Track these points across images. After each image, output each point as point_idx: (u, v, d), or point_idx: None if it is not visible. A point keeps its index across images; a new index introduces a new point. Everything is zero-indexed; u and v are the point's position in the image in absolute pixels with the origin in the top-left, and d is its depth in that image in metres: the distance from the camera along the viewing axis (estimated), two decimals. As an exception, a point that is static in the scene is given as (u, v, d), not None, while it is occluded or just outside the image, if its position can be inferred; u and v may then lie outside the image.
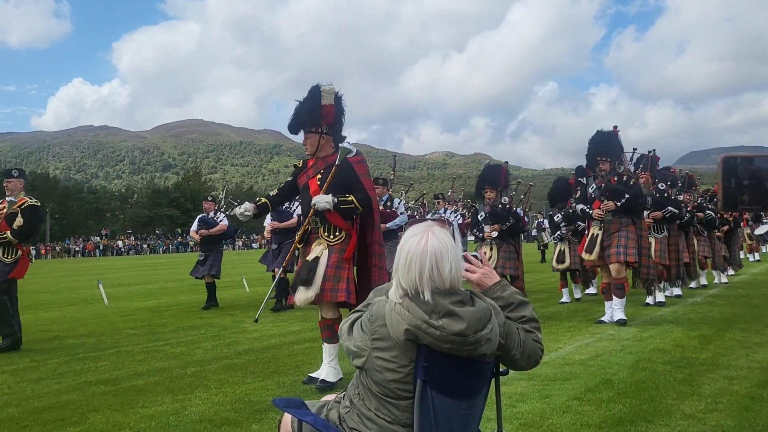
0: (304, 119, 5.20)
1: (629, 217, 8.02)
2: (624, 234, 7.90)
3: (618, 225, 7.97)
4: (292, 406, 2.33)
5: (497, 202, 8.83)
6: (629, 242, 7.88)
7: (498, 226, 8.67)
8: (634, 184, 8.03)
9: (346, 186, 5.10)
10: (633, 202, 7.94)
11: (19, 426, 4.20)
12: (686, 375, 4.99)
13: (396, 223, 9.05)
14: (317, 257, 5.04)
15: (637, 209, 8.13)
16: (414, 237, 2.15)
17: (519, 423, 3.87)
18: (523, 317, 2.31)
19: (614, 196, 7.91)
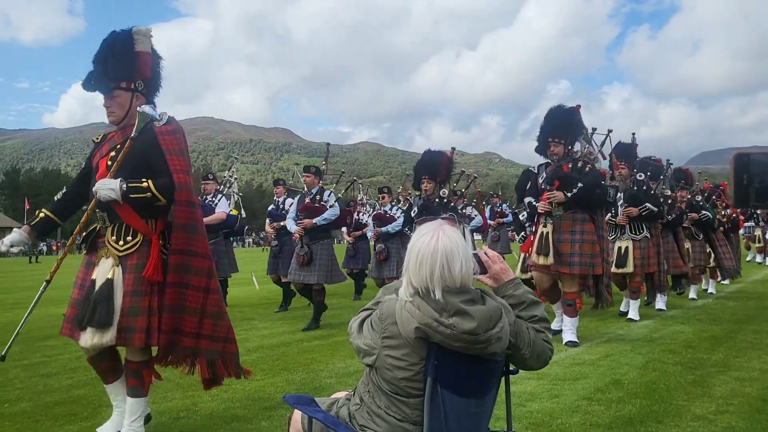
0: (108, 70, 3.71)
1: (586, 213, 6.46)
2: (579, 237, 6.41)
3: (570, 223, 6.45)
4: (302, 403, 2.34)
5: (434, 195, 7.44)
6: (585, 247, 6.38)
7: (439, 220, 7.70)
8: (590, 171, 6.44)
9: (146, 167, 3.64)
10: (587, 192, 6.29)
11: (32, 420, 4.23)
12: (697, 376, 4.96)
13: (325, 218, 7.94)
14: (109, 280, 3.57)
15: (596, 202, 6.47)
16: (425, 236, 2.16)
17: (528, 422, 3.86)
18: (534, 317, 2.31)
19: (564, 185, 6.32)
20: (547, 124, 6.55)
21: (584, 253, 6.37)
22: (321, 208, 8.01)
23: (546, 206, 6.41)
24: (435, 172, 7.40)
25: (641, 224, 8.31)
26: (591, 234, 6.42)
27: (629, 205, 8.26)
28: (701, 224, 10.46)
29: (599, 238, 6.49)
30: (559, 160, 6.48)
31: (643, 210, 8.21)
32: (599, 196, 6.42)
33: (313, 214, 7.98)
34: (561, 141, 6.43)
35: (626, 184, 8.30)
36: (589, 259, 6.41)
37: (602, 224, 6.65)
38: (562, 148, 6.46)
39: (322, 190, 8.20)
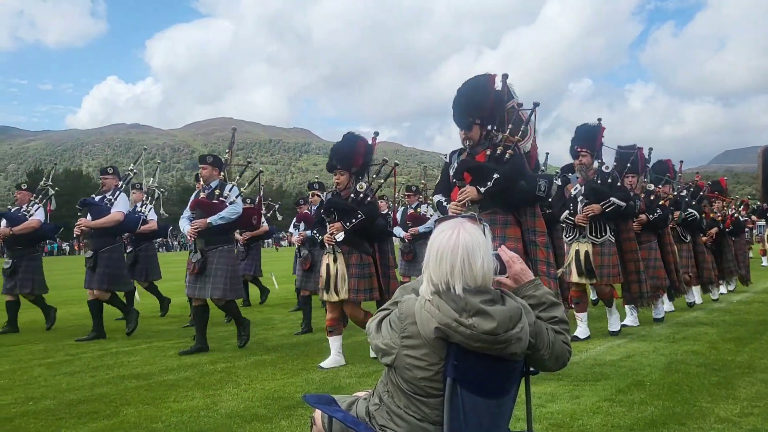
0: None
1: (509, 214, 4.96)
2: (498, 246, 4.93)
3: (491, 225, 5.20)
4: (322, 402, 2.35)
5: (349, 189, 5.98)
6: None
7: (340, 224, 5.77)
8: (511, 158, 4.88)
9: None
10: (506, 186, 4.81)
11: (55, 417, 4.29)
12: (721, 378, 4.89)
13: (223, 217, 6.62)
14: None
15: (520, 199, 4.98)
16: (445, 232, 2.15)
17: (548, 423, 3.83)
18: (554, 318, 2.29)
19: (478, 178, 4.88)
20: (457, 102, 5.05)
21: None
22: (218, 205, 6.69)
23: (457, 207, 4.82)
24: (349, 162, 5.94)
25: (604, 225, 6.82)
26: (515, 240, 4.87)
27: (590, 201, 6.76)
28: (687, 225, 9.06)
29: (529, 245, 4.99)
30: (474, 145, 5.00)
31: (607, 206, 6.67)
32: (524, 190, 4.88)
33: (208, 213, 6.64)
34: (476, 122, 4.95)
35: (588, 175, 6.84)
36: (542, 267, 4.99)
37: (535, 226, 5.06)
38: (478, 131, 4.97)
39: (223, 184, 6.85)
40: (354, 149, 5.98)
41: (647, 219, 7.85)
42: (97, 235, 7.74)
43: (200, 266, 6.55)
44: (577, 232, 6.90)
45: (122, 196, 7.99)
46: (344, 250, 5.80)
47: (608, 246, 6.83)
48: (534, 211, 5.09)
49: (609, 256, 6.81)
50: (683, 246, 9.03)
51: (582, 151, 6.83)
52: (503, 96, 5.24)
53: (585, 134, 6.93)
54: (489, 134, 5.06)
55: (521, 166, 4.97)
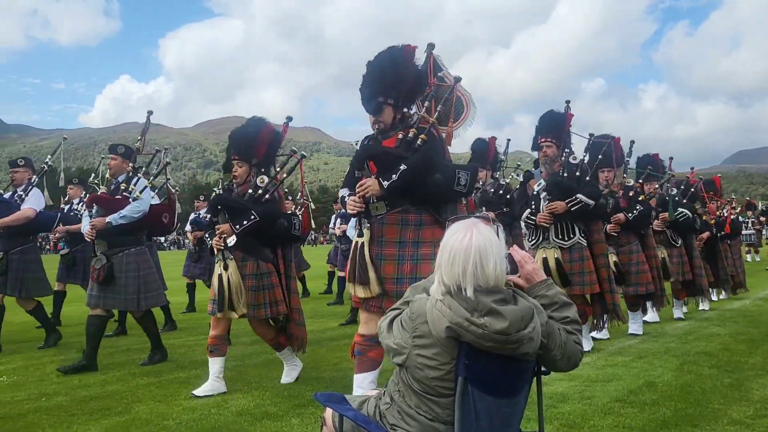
0: None
1: (422, 213, 3.98)
2: (410, 252, 3.94)
3: (397, 228, 3.96)
4: (333, 401, 2.35)
5: (248, 183, 5.02)
6: (422, 267, 3.85)
7: (228, 226, 4.80)
8: (424, 144, 3.92)
9: None
10: (414, 178, 3.86)
11: (68, 414, 4.32)
12: (734, 379, 4.85)
13: (125, 215, 5.65)
14: None
15: (434, 193, 3.95)
16: (458, 233, 2.14)
17: (560, 423, 3.82)
18: (566, 318, 2.28)
19: (383, 168, 3.92)
20: (365, 80, 4.14)
21: (419, 276, 3.73)
22: (120, 202, 5.74)
23: (355, 204, 3.95)
24: (249, 152, 5.04)
25: (572, 225, 5.85)
26: (432, 245, 3.83)
27: (554, 197, 5.81)
28: (679, 227, 7.99)
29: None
30: (385, 130, 4.07)
31: (574, 204, 5.69)
32: (439, 184, 3.92)
33: (109, 210, 5.70)
34: (389, 102, 4.03)
35: (553, 168, 5.94)
36: None
37: None
38: (390, 113, 4.06)
39: (131, 178, 5.93)
40: (256, 137, 5.05)
41: (625, 218, 6.92)
42: (5, 235, 6.91)
43: (105, 273, 5.66)
44: (540, 234, 5.93)
45: (34, 191, 7.11)
46: (237, 257, 4.86)
47: (579, 250, 5.81)
48: (455, 209, 4.08)
49: (580, 262, 5.80)
50: (674, 251, 7.97)
51: (546, 142, 5.94)
52: (425, 72, 4.27)
53: (549, 122, 6.02)
54: (404, 117, 4.12)
55: (436, 155, 3.98)
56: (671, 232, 8.00)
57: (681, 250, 8.07)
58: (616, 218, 6.89)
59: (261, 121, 5.16)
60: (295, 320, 5.13)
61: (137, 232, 5.96)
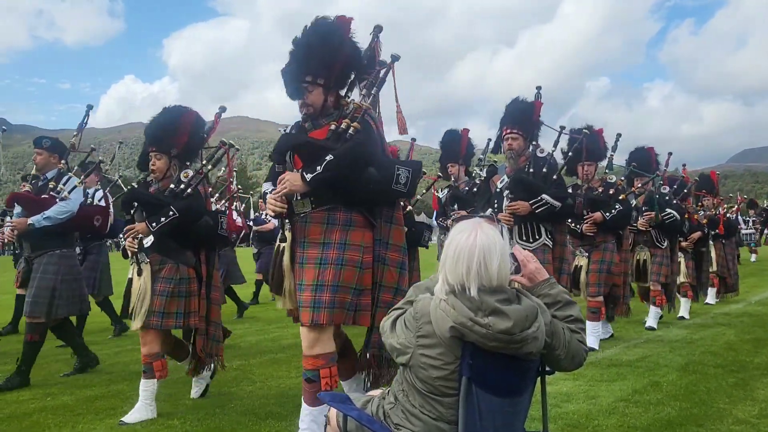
0: None
1: (352, 212, 3.46)
2: (334, 255, 3.38)
3: (322, 228, 3.44)
4: (337, 401, 2.35)
5: (171, 180, 4.41)
6: (345, 273, 3.36)
7: (144, 225, 4.22)
8: (356, 134, 3.35)
9: None
10: (339, 171, 3.31)
11: (73, 413, 4.34)
12: (739, 379, 4.84)
13: (49, 216, 5.13)
14: None
15: (365, 190, 3.40)
16: (462, 233, 2.14)
17: (564, 423, 3.81)
18: (570, 317, 2.28)
19: (308, 161, 3.39)
20: (291, 58, 3.57)
21: (341, 284, 3.33)
22: (47, 201, 5.21)
23: (275, 204, 3.40)
24: (168, 142, 4.43)
25: (538, 226, 5.33)
26: (361, 250, 3.41)
27: (517, 196, 5.24)
28: (665, 228, 7.46)
29: (376, 262, 3.49)
30: (315, 116, 3.55)
31: (538, 205, 5.16)
32: (373, 180, 3.36)
33: (32, 210, 5.18)
34: (318, 82, 3.46)
35: (518, 163, 5.37)
36: (352, 297, 3.38)
37: (390, 237, 3.55)
38: (320, 95, 3.49)
39: (61, 176, 5.39)
40: (175, 125, 4.45)
41: (603, 218, 6.31)
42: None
43: (23, 277, 5.27)
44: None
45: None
46: (154, 259, 4.26)
47: (542, 252, 5.23)
48: (392, 214, 3.57)
49: (545, 264, 4.92)
50: (658, 251, 7.44)
51: (512, 133, 5.34)
52: (362, 52, 3.62)
53: (514, 112, 5.40)
54: (341, 104, 3.57)
55: (369, 146, 3.41)
56: (656, 233, 7.46)
57: (666, 251, 7.54)
58: (594, 218, 6.34)
59: (180, 108, 4.57)
60: (210, 335, 4.52)
61: (66, 235, 5.42)
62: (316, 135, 3.48)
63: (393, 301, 3.37)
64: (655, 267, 7.38)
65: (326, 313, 3.30)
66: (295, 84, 3.51)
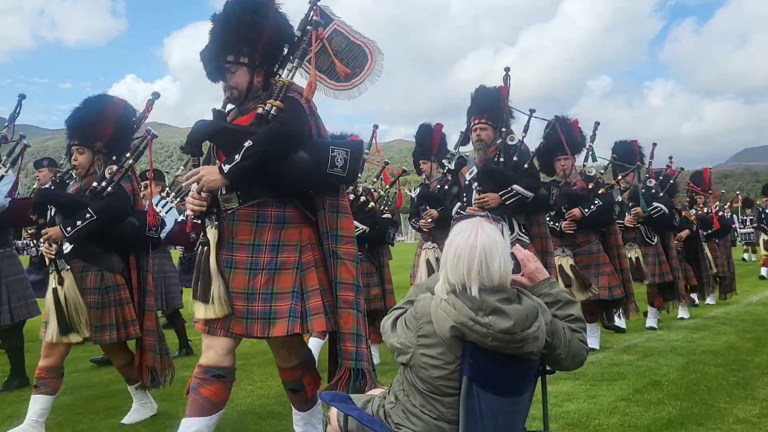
0: None
1: (287, 207, 3.10)
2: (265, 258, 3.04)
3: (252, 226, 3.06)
4: (337, 400, 2.35)
5: (95, 176, 3.96)
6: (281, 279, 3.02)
7: (57, 229, 3.81)
8: (281, 114, 3.00)
9: None
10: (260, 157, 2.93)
11: (74, 413, 4.34)
12: (740, 378, 4.84)
13: None
14: None
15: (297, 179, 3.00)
16: (463, 232, 2.14)
17: (565, 422, 3.81)
18: (570, 316, 2.28)
19: (227, 149, 3.02)
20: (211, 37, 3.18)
21: (274, 291, 2.99)
22: None
23: (195, 201, 3.00)
24: (90, 135, 3.98)
25: (510, 220, 4.97)
26: (293, 249, 3.05)
27: (486, 188, 4.88)
28: (654, 223, 7.19)
29: (328, 257, 3.11)
30: (240, 99, 3.16)
31: (509, 196, 4.81)
32: (304, 166, 2.95)
33: None
34: (242, 61, 3.09)
35: (488, 154, 5.01)
36: (293, 302, 2.99)
37: (338, 227, 3.13)
38: (245, 75, 3.11)
39: None
40: (98, 115, 3.95)
41: (581, 214, 5.97)
42: None
43: None
44: None
45: None
46: (75, 266, 3.86)
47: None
48: (337, 203, 3.16)
49: None
50: (649, 249, 7.18)
51: (480, 123, 4.99)
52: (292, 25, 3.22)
53: (481, 101, 5.05)
54: (270, 82, 3.15)
55: (296, 125, 3.00)
56: (646, 229, 7.20)
57: (657, 248, 7.24)
58: (572, 214, 6.01)
59: (105, 97, 4.09)
60: (148, 346, 4.12)
61: (3, 232, 5.04)
62: (242, 122, 3.07)
63: (356, 300, 3.10)
64: (650, 268, 7.13)
65: (260, 325, 3.00)
66: (214, 64, 3.12)
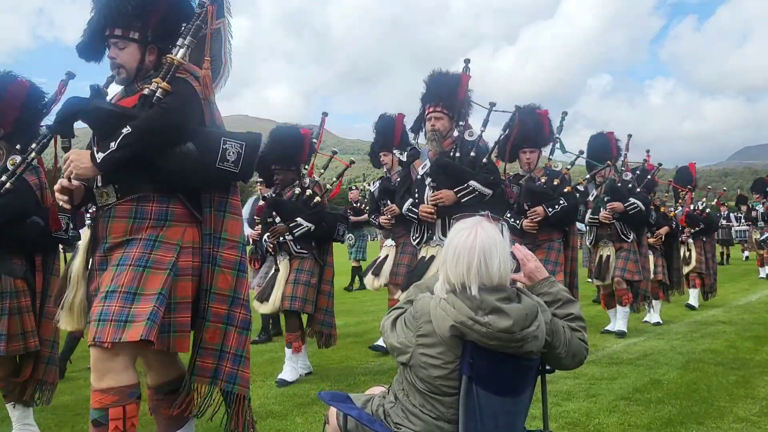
0: None
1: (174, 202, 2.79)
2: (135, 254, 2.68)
3: (126, 224, 2.74)
4: (337, 400, 2.35)
5: None
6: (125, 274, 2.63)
7: None
8: (161, 99, 2.68)
9: None
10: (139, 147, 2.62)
11: (73, 413, 4.33)
12: (740, 377, 4.83)
13: None
14: None
15: (181, 171, 2.70)
16: (463, 231, 2.14)
17: (565, 422, 3.81)
18: (570, 315, 2.28)
19: (102, 135, 2.73)
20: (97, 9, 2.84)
21: (138, 291, 2.60)
22: None
23: (66, 187, 2.71)
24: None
25: None
26: (173, 248, 2.73)
27: (441, 184, 4.48)
28: (628, 219, 6.80)
29: (206, 263, 2.80)
30: (129, 80, 2.87)
31: (465, 193, 4.40)
32: (191, 158, 2.67)
33: None
34: (131, 36, 2.79)
35: (443, 146, 4.59)
36: (142, 306, 2.58)
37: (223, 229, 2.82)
38: (135, 52, 2.82)
39: None
40: (1, 99, 3.45)
41: (545, 213, 5.60)
42: None
43: None
44: (424, 231, 4.61)
45: None
46: None
47: None
48: (226, 201, 2.85)
49: None
50: (624, 245, 6.83)
51: (435, 112, 4.56)
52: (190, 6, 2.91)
53: (438, 87, 4.63)
54: (162, 61, 2.80)
55: (184, 113, 2.69)
56: (621, 225, 6.82)
57: (633, 246, 6.87)
58: (536, 211, 5.62)
59: (6, 76, 3.54)
60: (42, 358, 3.66)
61: None
62: (126, 104, 2.75)
63: (228, 313, 2.79)
64: (620, 262, 6.75)
65: (112, 328, 2.51)
66: (94, 43, 2.81)
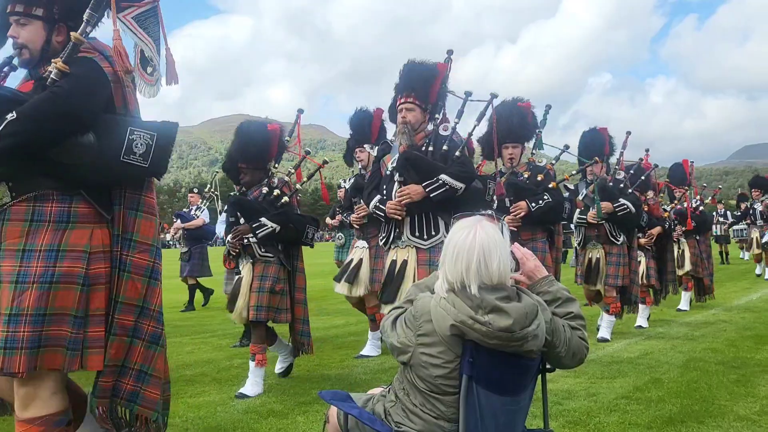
0: None
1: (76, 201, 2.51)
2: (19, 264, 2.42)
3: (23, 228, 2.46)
4: (338, 399, 2.35)
5: None
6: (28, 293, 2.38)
7: None
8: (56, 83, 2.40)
9: None
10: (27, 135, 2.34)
11: (74, 413, 4.33)
12: (740, 375, 4.83)
13: None
14: None
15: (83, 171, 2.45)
16: (462, 231, 2.14)
17: (565, 421, 3.81)
18: (570, 313, 2.28)
19: None
20: None
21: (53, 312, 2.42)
22: None
23: None
24: None
25: (435, 219, 4.15)
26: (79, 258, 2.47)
27: (409, 180, 4.10)
28: (617, 221, 6.49)
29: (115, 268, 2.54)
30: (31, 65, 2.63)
31: (434, 187, 4.01)
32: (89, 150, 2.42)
33: None
34: (35, 13, 2.53)
35: (414, 141, 4.23)
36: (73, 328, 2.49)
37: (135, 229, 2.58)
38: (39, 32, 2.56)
39: None
40: None
41: (528, 209, 5.39)
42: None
43: None
44: (391, 230, 4.27)
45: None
46: None
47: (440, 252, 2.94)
48: (139, 198, 2.59)
49: None
50: (614, 248, 6.50)
51: (407, 103, 4.22)
52: None
53: (411, 77, 4.27)
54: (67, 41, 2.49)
55: (80, 98, 2.40)
56: (611, 227, 6.50)
57: (623, 248, 6.55)
58: (517, 207, 5.42)
59: None
60: None
61: None
62: (24, 89, 2.49)
63: (136, 326, 2.55)
64: (612, 269, 6.45)
65: (26, 356, 2.33)
66: (1, 19, 2.53)
